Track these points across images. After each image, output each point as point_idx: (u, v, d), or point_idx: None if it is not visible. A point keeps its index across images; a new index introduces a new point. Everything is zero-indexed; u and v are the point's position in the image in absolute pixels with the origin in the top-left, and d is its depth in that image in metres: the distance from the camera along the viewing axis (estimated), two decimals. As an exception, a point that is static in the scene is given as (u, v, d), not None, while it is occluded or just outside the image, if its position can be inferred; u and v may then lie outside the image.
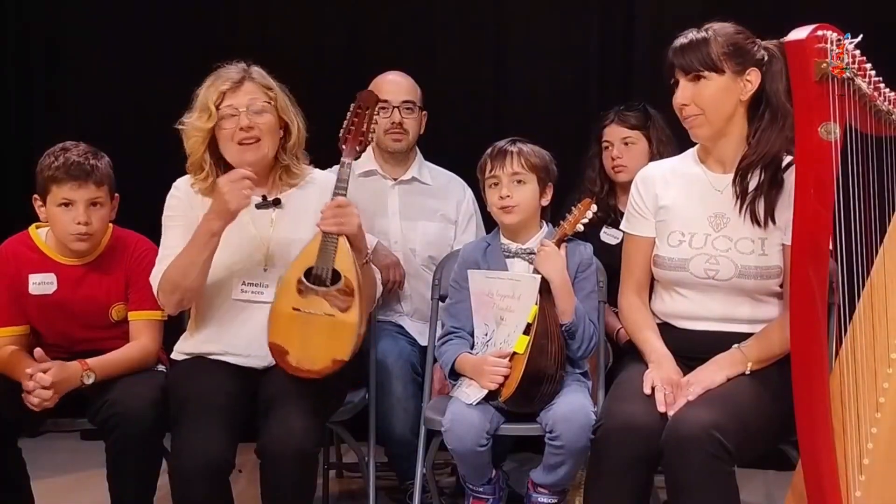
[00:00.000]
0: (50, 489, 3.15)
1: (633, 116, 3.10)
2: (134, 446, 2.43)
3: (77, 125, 3.77)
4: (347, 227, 2.43)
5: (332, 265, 2.41)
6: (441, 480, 3.23)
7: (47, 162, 2.60)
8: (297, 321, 2.39)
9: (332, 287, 2.40)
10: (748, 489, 3.16)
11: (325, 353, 2.38)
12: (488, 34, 3.78)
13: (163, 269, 2.52)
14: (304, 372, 2.38)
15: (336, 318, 2.39)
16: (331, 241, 2.43)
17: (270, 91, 2.55)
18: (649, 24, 3.63)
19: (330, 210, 2.44)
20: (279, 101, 2.56)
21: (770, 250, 2.36)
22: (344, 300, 2.40)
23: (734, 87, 2.32)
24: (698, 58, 2.31)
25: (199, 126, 2.51)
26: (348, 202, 2.46)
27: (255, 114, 2.51)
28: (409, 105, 3.13)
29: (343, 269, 2.41)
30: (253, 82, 2.54)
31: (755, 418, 2.19)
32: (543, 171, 2.58)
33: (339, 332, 2.39)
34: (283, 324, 2.40)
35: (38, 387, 2.42)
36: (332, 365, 2.38)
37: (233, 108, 2.50)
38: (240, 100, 2.51)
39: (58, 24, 3.92)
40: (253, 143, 2.52)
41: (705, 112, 2.34)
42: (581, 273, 2.56)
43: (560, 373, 2.45)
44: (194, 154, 2.55)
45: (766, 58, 2.33)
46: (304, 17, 3.82)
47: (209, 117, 2.50)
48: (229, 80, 2.52)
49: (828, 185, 1.98)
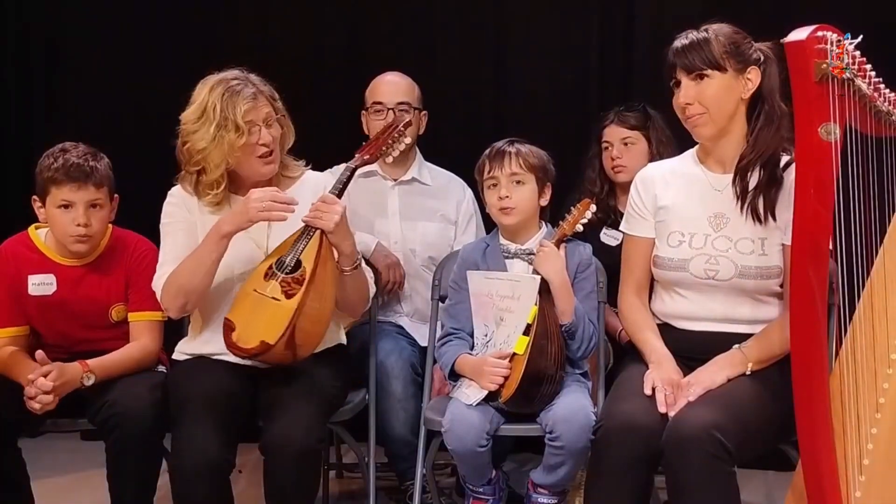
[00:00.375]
0: (50, 489, 3.15)
1: (632, 117, 3.10)
2: (134, 446, 2.43)
3: (77, 125, 3.77)
4: (323, 221, 2.45)
5: (298, 255, 2.45)
6: (441, 480, 3.23)
7: (46, 163, 2.60)
8: (250, 301, 2.44)
9: (289, 275, 2.43)
10: (748, 489, 3.16)
11: (257, 333, 2.39)
12: (488, 34, 3.77)
13: (165, 274, 2.52)
14: (237, 349, 2.41)
15: (280, 302, 2.41)
16: (307, 233, 2.46)
17: (276, 103, 2.58)
18: (649, 24, 3.63)
19: (315, 203, 2.48)
20: (280, 110, 2.59)
21: (770, 250, 2.36)
22: (293, 288, 2.42)
23: (736, 86, 2.33)
24: (701, 57, 2.32)
25: (230, 143, 2.47)
26: (335, 200, 2.48)
27: (269, 127, 2.54)
28: (405, 106, 3.13)
29: (305, 260, 2.44)
30: (263, 95, 2.55)
31: (755, 418, 2.20)
32: (542, 171, 2.58)
33: (277, 316, 2.39)
34: (241, 302, 2.47)
35: (39, 392, 2.42)
36: (258, 346, 2.38)
37: (253, 123, 2.51)
38: (259, 114, 2.52)
39: (58, 24, 3.92)
40: (270, 157, 2.55)
41: (709, 110, 2.35)
42: (580, 273, 2.56)
43: (560, 373, 2.45)
44: (215, 172, 2.52)
45: (762, 59, 2.34)
46: (304, 17, 3.82)
47: (240, 135, 2.47)
48: (249, 96, 2.50)
49: (828, 186, 1.98)
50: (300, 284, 2.41)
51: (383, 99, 3.13)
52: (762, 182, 2.35)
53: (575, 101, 3.72)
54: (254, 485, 2.39)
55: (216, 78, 2.54)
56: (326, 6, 3.84)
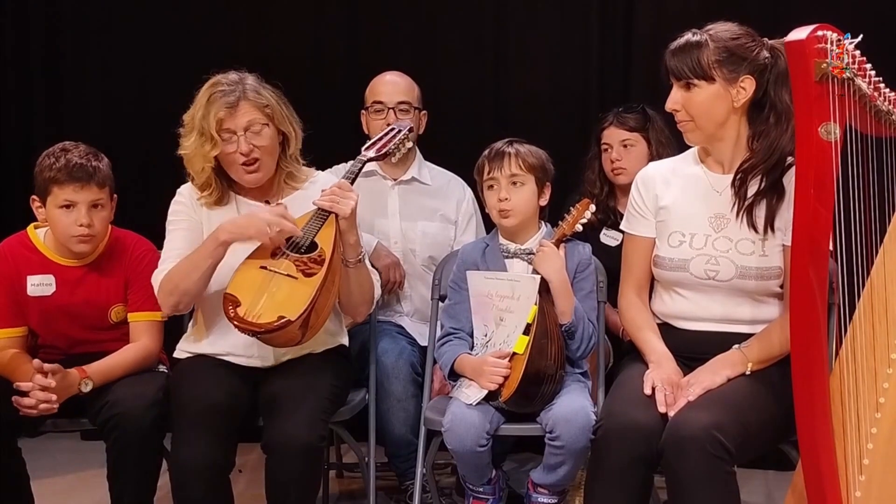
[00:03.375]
0: (50, 489, 3.15)
1: (631, 118, 3.09)
2: (134, 446, 2.43)
3: (77, 125, 3.78)
4: (341, 207, 2.43)
5: (312, 237, 2.42)
6: (441, 480, 3.23)
7: (47, 163, 2.59)
8: (259, 276, 2.38)
9: (305, 255, 2.40)
10: (748, 489, 3.16)
11: (274, 308, 2.32)
12: (488, 34, 3.77)
13: (164, 270, 2.52)
14: (248, 324, 2.31)
15: (298, 280, 2.37)
16: (320, 216, 2.44)
17: (267, 108, 2.53)
18: (649, 24, 3.63)
19: (330, 188, 2.46)
20: (276, 115, 2.55)
21: (771, 251, 2.36)
22: (311, 267, 2.39)
23: (726, 95, 2.31)
24: (688, 65, 2.29)
25: (205, 154, 2.49)
26: (350, 188, 2.47)
27: (254, 135, 2.50)
28: (405, 106, 3.13)
29: (321, 242, 2.42)
30: (248, 101, 2.50)
31: (755, 418, 2.19)
32: (541, 171, 2.58)
33: (296, 293, 2.35)
34: (246, 277, 2.39)
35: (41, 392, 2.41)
36: (276, 321, 2.30)
37: (230, 132, 2.49)
38: (238, 122, 2.49)
39: (58, 24, 3.91)
40: (253, 166, 2.52)
41: (695, 119, 2.34)
42: (580, 273, 2.56)
43: (560, 373, 2.45)
44: (201, 176, 2.55)
45: (771, 58, 2.30)
46: (304, 17, 3.82)
47: (214, 145, 2.48)
48: (225, 104, 2.48)
49: (828, 185, 1.97)
50: (319, 265, 2.38)
51: (383, 98, 3.13)
52: (763, 190, 2.33)
53: (575, 101, 3.72)
54: (254, 485, 2.39)
55: (211, 81, 2.54)
56: (327, 6, 3.84)
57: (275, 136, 2.56)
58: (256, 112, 2.51)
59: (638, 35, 3.65)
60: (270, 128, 2.54)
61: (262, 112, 2.52)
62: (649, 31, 3.62)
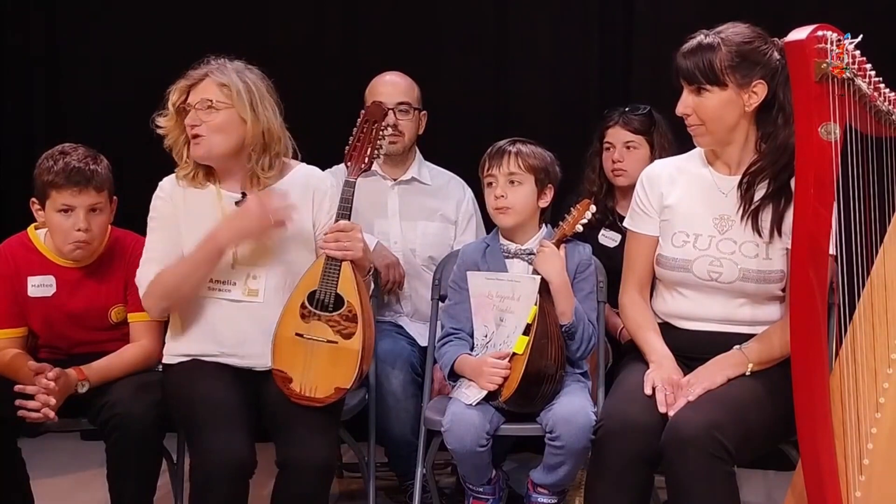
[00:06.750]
0: (50, 489, 3.15)
1: (637, 120, 3.05)
2: (134, 447, 2.43)
3: (77, 125, 3.77)
4: (352, 252, 2.40)
5: (334, 290, 2.39)
6: (441, 480, 3.23)
7: (46, 166, 2.57)
8: (300, 347, 2.38)
9: (335, 312, 2.38)
10: (748, 489, 3.16)
11: (327, 380, 2.36)
12: (489, 34, 3.77)
13: (147, 272, 2.50)
14: (307, 399, 2.36)
15: (339, 345, 2.38)
16: (333, 264, 2.40)
17: (225, 88, 2.47)
18: (650, 24, 3.63)
19: (332, 234, 2.41)
20: (234, 97, 2.47)
21: (774, 255, 2.35)
22: (346, 326, 2.38)
23: (737, 100, 2.30)
24: (701, 69, 2.27)
25: (163, 123, 2.52)
26: (353, 226, 2.43)
27: (204, 111, 2.47)
28: (405, 107, 3.12)
29: (346, 294, 2.39)
30: (211, 79, 2.48)
31: (755, 418, 2.20)
32: (542, 173, 2.57)
33: (342, 359, 2.37)
34: (286, 349, 2.39)
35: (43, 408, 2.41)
36: (334, 393, 2.36)
37: (188, 104, 2.49)
38: (194, 97, 2.49)
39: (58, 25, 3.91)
40: (195, 140, 2.49)
41: (706, 124, 2.33)
42: (580, 274, 2.56)
43: (560, 373, 2.45)
44: (175, 147, 2.55)
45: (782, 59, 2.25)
46: (304, 17, 3.82)
47: (169, 116, 2.51)
48: (192, 77, 2.51)
49: (828, 185, 1.98)
50: (353, 322, 2.38)
51: (383, 98, 3.11)
52: (770, 194, 2.32)
53: (575, 101, 3.71)
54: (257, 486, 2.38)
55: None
56: (326, 6, 3.84)
57: (232, 121, 2.48)
58: (213, 91, 2.47)
59: (638, 35, 3.64)
60: (229, 109, 2.47)
61: (220, 91, 2.47)
62: (650, 31, 3.61)
